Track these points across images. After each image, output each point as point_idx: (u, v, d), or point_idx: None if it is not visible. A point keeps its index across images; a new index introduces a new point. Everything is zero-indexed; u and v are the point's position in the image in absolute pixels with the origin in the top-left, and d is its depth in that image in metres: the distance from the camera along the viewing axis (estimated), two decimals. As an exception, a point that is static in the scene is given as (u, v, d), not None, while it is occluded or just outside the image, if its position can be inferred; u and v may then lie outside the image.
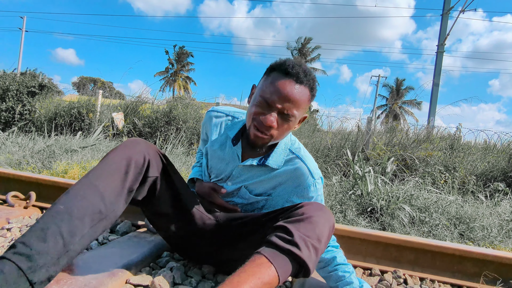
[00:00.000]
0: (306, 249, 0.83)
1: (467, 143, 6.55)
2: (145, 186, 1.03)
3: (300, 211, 0.92)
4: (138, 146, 1.01)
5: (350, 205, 2.67)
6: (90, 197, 0.87)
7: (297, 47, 35.31)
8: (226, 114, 1.22)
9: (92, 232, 0.87)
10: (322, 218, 0.90)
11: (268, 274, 0.77)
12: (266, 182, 1.14)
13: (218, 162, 1.18)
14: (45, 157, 3.06)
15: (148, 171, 1.01)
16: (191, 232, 1.16)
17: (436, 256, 1.48)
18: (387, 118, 27.58)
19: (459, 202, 2.95)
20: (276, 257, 0.81)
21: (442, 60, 12.93)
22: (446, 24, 12.90)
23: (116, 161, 0.95)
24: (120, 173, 0.94)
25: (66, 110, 6.12)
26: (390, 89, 35.61)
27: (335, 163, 5.05)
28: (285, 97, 0.95)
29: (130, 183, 0.96)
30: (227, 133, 1.17)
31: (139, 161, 0.98)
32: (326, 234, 0.90)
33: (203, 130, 1.29)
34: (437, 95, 12.85)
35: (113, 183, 0.92)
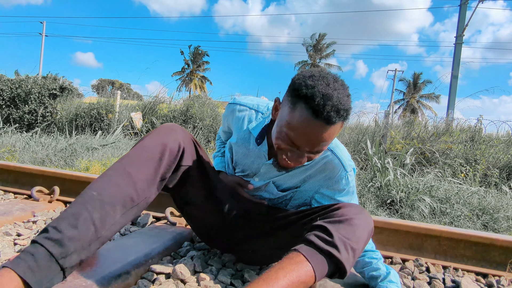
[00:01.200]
0: (345, 251, 0.81)
1: (488, 135, 6.33)
2: (177, 174, 1.01)
3: (339, 212, 0.89)
4: (173, 133, 0.98)
5: (369, 197, 2.64)
6: (123, 184, 0.86)
7: (312, 43, 35.01)
8: (250, 107, 1.13)
9: (123, 219, 0.86)
10: (363, 221, 0.88)
11: (305, 272, 0.77)
12: (295, 176, 1.09)
13: (244, 158, 1.14)
14: (67, 155, 3.17)
15: (182, 160, 0.99)
16: (221, 222, 1.15)
17: (459, 244, 1.45)
18: (404, 112, 26.99)
19: (481, 193, 2.87)
20: (314, 257, 0.79)
21: (460, 51, 12.53)
22: (464, 15, 12.48)
23: (150, 148, 0.93)
24: (154, 161, 0.91)
25: (86, 111, 6.30)
26: (407, 83, 34.80)
27: (353, 157, 5.00)
28: (315, 142, 0.83)
29: (163, 171, 0.94)
30: (251, 131, 1.09)
31: (174, 148, 0.96)
32: (365, 238, 0.88)
33: (224, 122, 1.24)
34: (456, 87, 12.47)
35: (146, 170, 0.90)
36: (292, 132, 0.83)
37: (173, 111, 6.27)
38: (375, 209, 2.50)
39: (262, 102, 1.15)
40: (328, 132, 0.81)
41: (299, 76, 0.86)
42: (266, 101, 1.16)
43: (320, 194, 1.11)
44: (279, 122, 0.89)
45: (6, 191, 1.99)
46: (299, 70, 27.48)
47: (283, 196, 1.16)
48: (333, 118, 0.79)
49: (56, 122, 6.43)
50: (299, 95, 0.81)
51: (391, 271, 1.06)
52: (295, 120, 0.82)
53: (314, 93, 0.79)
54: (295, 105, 0.82)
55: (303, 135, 0.82)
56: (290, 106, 0.84)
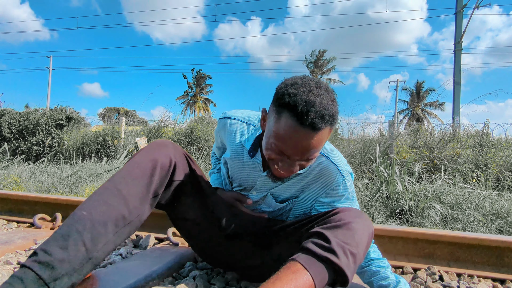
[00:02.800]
0: (344, 257, 0.79)
1: (497, 139, 6.22)
2: (170, 189, 0.99)
3: (337, 217, 0.87)
4: (164, 148, 0.97)
5: (377, 207, 2.57)
6: (113, 202, 0.83)
7: (312, 60, 35.51)
8: (241, 120, 1.13)
9: (116, 238, 0.84)
10: (361, 225, 0.86)
11: (304, 282, 0.74)
12: (292, 186, 1.07)
13: (239, 172, 1.13)
14: (72, 183, 3.18)
15: (174, 175, 0.97)
16: (220, 238, 1.12)
17: (473, 249, 1.39)
18: (410, 121, 26.83)
19: (494, 196, 2.78)
20: (313, 265, 0.77)
21: (460, 58, 12.58)
22: (461, 22, 12.62)
23: (141, 164, 0.91)
24: (145, 177, 0.90)
25: (92, 139, 6.39)
26: (410, 92, 34.81)
27: (360, 169, 4.93)
28: (303, 150, 0.82)
29: (156, 187, 0.92)
30: (243, 144, 1.09)
31: (165, 164, 0.94)
32: (365, 241, 0.85)
33: (217, 137, 1.23)
34: (459, 93, 12.43)
35: (137, 187, 0.88)
36: (280, 142, 0.82)
37: (177, 133, 6.33)
38: (384, 219, 2.43)
39: (253, 114, 1.15)
40: (315, 139, 0.80)
41: (282, 85, 0.85)
42: (257, 113, 1.16)
43: (319, 203, 1.08)
44: (267, 132, 0.88)
45: (9, 220, 1.98)
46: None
47: (283, 207, 1.14)
48: (318, 124, 0.78)
49: (63, 152, 6.52)
50: (282, 104, 0.81)
51: (400, 279, 1.01)
52: (281, 130, 0.81)
53: (296, 101, 0.78)
54: (280, 114, 0.82)
55: (291, 144, 0.81)
56: (276, 115, 0.83)
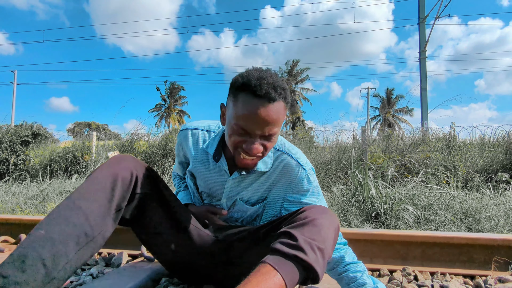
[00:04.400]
0: (312, 253, 0.79)
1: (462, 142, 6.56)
2: (134, 203, 0.96)
3: (302, 215, 0.88)
4: (124, 162, 0.95)
5: (353, 212, 2.61)
6: (74, 218, 0.79)
7: (287, 70, 36.16)
8: (201, 129, 1.16)
9: (78, 257, 0.79)
10: (327, 220, 0.87)
11: (274, 282, 0.73)
12: (259, 187, 1.10)
13: (207, 180, 1.14)
14: (39, 202, 3.01)
15: (136, 187, 0.95)
16: (190, 251, 1.09)
17: (444, 248, 1.43)
18: (382, 127, 27.77)
19: (462, 196, 2.90)
20: (282, 264, 0.77)
21: (425, 65, 13.28)
22: (424, 32, 13.38)
23: (100, 179, 0.88)
24: (105, 191, 0.87)
25: (61, 155, 6.11)
26: (381, 99, 36.14)
27: (335, 175, 5.01)
28: (263, 122, 0.88)
29: (118, 201, 0.89)
30: (207, 151, 1.11)
31: (126, 177, 0.92)
32: (331, 236, 0.87)
33: (179, 151, 1.23)
34: (426, 99, 13.06)
35: (98, 202, 0.84)
36: (240, 120, 0.89)
37: (151, 146, 6.18)
38: (360, 223, 2.47)
39: (212, 123, 1.19)
40: (272, 111, 0.88)
41: (234, 76, 0.95)
42: (217, 121, 1.19)
43: (288, 202, 1.10)
44: (228, 121, 0.94)
45: (-33, 245, 1.84)
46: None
47: (255, 212, 1.14)
48: (272, 94, 0.87)
49: (29, 170, 6.19)
50: (237, 87, 0.90)
51: (378, 285, 1.02)
52: (240, 108, 0.89)
53: (249, 78, 0.88)
54: (237, 97, 0.90)
55: (250, 118, 0.88)
56: (233, 100, 0.92)
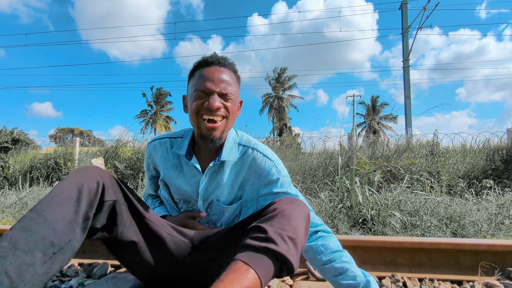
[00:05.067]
0: (283, 243, 0.78)
1: (445, 148, 6.71)
2: (103, 211, 0.93)
3: (271, 207, 0.88)
4: (89, 171, 0.93)
5: (341, 218, 2.61)
6: (38, 228, 0.76)
7: (274, 77, 36.44)
8: (169, 136, 1.20)
9: (46, 268, 0.76)
10: (296, 210, 0.88)
11: (247, 278, 0.71)
12: (232, 184, 1.12)
13: (181, 185, 1.14)
14: (17, 210, 2.89)
15: (104, 195, 0.92)
16: (165, 260, 1.06)
17: (431, 254, 1.44)
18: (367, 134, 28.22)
19: (447, 201, 2.95)
20: (254, 259, 0.75)
21: (409, 74, 13.65)
22: (407, 41, 13.80)
23: (65, 188, 0.85)
24: (71, 200, 0.84)
25: (42, 162, 5.92)
26: (366, 107, 36.78)
27: (323, 182, 5.03)
28: (218, 79, 1.02)
29: (85, 209, 0.86)
30: (178, 153, 1.15)
31: (92, 185, 0.89)
32: (302, 225, 0.87)
33: (148, 166, 1.25)
34: (410, 106, 13.39)
35: (64, 211, 0.82)
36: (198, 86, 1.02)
37: (137, 153, 6.06)
38: (348, 229, 2.47)
39: (180, 130, 1.24)
40: (225, 73, 1.04)
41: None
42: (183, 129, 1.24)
43: (262, 197, 1.10)
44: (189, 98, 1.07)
45: None
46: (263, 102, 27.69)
47: (232, 212, 1.14)
48: (222, 60, 1.05)
49: (8, 177, 5.96)
50: (192, 69, 1.08)
51: (369, 279, 0.98)
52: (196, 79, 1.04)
53: (202, 57, 1.07)
54: (193, 74, 1.07)
55: (206, 78, 1.02)
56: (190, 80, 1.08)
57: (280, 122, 34.95)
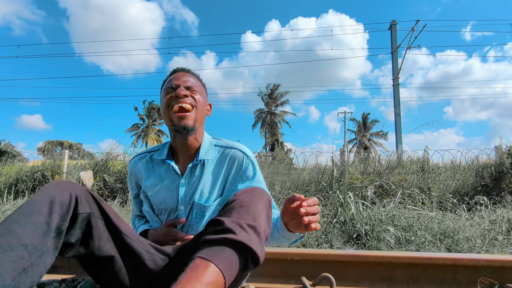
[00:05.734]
0: (242, 231, 0.75)
1: (435, 164, 6.79)
2: (77, 225, 0.87)
3: (230, 200, 0.87)
4: (60, 185, 0.89)
5: (335, 233, 2.58)
6: (5, 243, 0.72)
7: (267, 93, 36.83)
8: (148, 151, 1.25)
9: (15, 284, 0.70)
10: (254, 197, 0.86)
11: (207, 273, 0.66)
12: (212, 184, 1.13)
13: (161, 193, 1.15)
14: None
15: (77, 208, 0.87)
16: (142, 277, 0.99)
17: (428, 269, 1.41)
18: (358, 150, 28.47)
19: (440, 217, 2.95)
20: (212, 253, 0.71)
21: (399, 92, 13.96)
22: (397, 61, 14.18)
23: (36, 202, 0.81)
24: (42, 213, 0.79)
25: (28, 174, 5.76)
26: (357, 123, 37.28)
27: (316, 196, 5.00)
28: (182, 76, 1.15)
29: (57, 222, 0.81)
30: (158, 160, 1.19)
31: (64, 198, 0.85)
32: (263, 213, 0.84)
33: (131, 183, 1.27)
34: (400, 123, 13.62)
35: (35, 224, 0.77)
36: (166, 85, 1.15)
37: (127, 166, 5.97)
38: (342, 245, 2.43)
39: (157, 145, 1.29)
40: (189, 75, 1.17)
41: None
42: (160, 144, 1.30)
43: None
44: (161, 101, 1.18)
45: None
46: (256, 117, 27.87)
47: (213, 212, 1.12)
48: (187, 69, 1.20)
49: (-8, 189, 5.77)
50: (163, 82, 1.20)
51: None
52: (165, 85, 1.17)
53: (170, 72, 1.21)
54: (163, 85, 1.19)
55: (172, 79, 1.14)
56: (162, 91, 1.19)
57: (272, 137, 35.08)
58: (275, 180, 5.69)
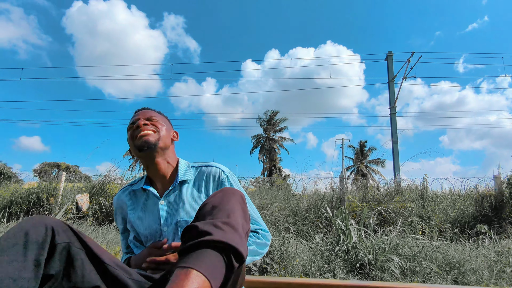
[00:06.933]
0: (218, 230, 0.72)
1: (434, 193, 6.77)
2: (56, 255, 0.83)
3: (202, 205, 0.85)
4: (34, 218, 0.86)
5: (338, 263, 2.51)
6: None
7: (266, 119, 37.21)
8: (130, 184, 1.29)
9: None
10: (225, 196, 0.85)
11: (190, 279, 0.62)
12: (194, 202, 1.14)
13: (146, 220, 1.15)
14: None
15: (54, 238, 0.84)
16: None
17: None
18: (356, 177, 28.42)
19: (444, 247, 2.89)
20: (191, 259, 0.67)
21: (396, 120, 14.18)
22: (393, 90, 14.52)
23: (10, 236, 0.78)
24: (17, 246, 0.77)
25: (23, 196, 5.66)
26: (355, 150, 37.44)
27: (314, 224, 4.92)
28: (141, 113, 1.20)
29: (34, 254, 0.78)
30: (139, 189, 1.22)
31: (40, 229, 0.82)
32: (236, 207, 0.82)
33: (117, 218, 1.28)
34: (397, 151, 13.71)
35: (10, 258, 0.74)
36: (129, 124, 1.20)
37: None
38: (345, 274, 2.36)
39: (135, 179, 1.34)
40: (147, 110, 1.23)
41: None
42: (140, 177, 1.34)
43: None
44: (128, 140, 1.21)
45: None
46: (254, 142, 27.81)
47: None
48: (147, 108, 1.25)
49: (-15, 211, 5.64)
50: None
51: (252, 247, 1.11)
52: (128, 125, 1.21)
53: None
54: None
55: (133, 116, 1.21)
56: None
57: (270, 162, 35.03)
58: (274, 207, 5.62)
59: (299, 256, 2.53)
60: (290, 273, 2.26)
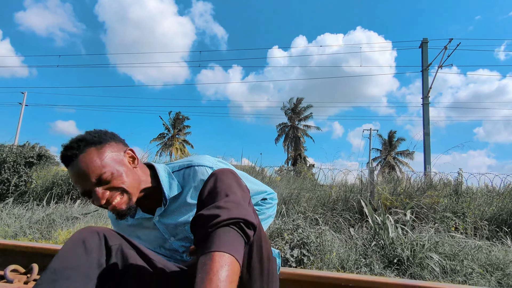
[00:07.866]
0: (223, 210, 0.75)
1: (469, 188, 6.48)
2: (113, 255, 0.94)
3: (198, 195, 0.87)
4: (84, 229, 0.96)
5: (375, 258, 2.49)
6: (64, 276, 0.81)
7: (290, 107, 36.89)
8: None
9: None
10: (216, 178, 0.85)
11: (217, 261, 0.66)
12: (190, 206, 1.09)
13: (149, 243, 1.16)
14: (44, 227, 2.88)
15: (107, 242, 0.94)
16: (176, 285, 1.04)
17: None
18: (383, 169, 27.74)
19: (487, 246, 2.79)
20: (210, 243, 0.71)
21: (428, 111, 13.58)
22: (427, 79, 13.85)
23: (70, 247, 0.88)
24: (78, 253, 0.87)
25: (64, 178, 6.01)
26: (382, 141, 36.45)
27: (343, 217, 4.88)
28: (81, 177, 0.93)
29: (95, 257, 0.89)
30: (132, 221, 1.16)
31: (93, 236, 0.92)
32: (232, 183, 0.84)
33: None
34: (429, 143, 13.19)
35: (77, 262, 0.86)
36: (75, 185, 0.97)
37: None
38: (382, 270, 2.34)
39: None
40: (83, 166, 0.92)
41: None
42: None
43: None
44: None
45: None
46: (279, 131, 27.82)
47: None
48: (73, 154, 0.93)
49: (30, 192, 6.04)
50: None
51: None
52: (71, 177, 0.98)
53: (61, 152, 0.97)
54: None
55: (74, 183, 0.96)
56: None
57: (295, 151, 34.88)
58: (302, 196, 5.62)
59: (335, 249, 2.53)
60: (328, 265, 2.27)
